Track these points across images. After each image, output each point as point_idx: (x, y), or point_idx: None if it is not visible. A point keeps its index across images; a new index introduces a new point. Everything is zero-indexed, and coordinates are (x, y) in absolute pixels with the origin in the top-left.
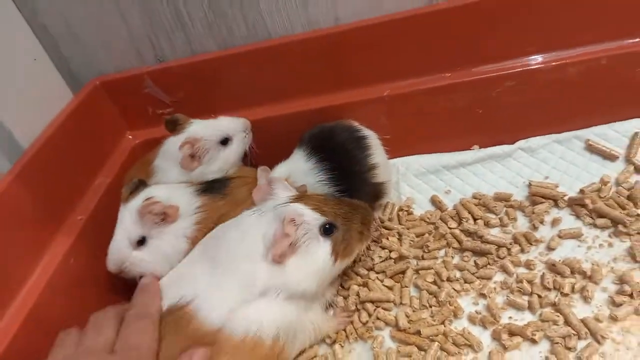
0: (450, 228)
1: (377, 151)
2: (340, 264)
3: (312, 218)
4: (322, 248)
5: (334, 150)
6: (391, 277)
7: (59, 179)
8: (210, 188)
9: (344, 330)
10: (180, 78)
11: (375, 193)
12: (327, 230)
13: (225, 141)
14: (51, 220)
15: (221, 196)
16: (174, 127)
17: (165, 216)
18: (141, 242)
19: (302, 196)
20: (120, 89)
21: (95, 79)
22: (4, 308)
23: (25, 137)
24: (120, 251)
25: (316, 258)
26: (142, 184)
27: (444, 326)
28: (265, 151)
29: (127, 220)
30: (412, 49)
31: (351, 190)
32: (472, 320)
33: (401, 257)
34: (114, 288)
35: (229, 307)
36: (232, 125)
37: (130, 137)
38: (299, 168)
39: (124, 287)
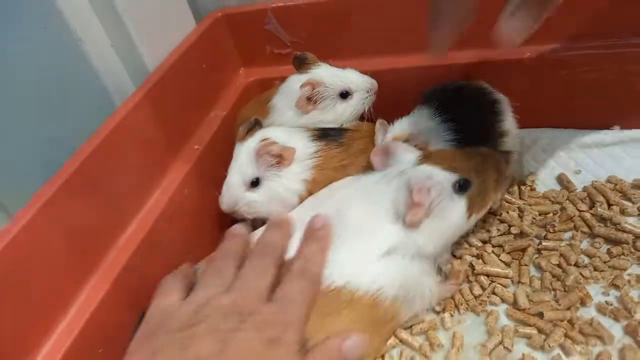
0: (580, 210)
1: (508, 118)
2: (475, 218)
3: (443, 178)
4: (458, 207)
5: (462, 111)
6: (509, 253)
7: (178, 106)
8: (326, 135)
9: (453, 299)
10: (305, 18)
11: None
12: (461, 187)
13: (345, 94)
14: (170, 146)
15: (337, 144)
16: (300, 64)
17: (281, 159)
18: (255, 183)
19: (428, 155)
20: (240, 24)
21: (218, 10)
22: (124, 227)
23: (152, 62)
24: (234, 191)
25: (451, 218)
26: (258, 124)
27: (570, 312)
28: (380, 105)
29: (243, 159)
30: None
31: None
32: (601, 310)
33: (522, 234)
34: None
35: (354, 265)
36: (357, 81)
37: (243, 74)
38: (422, 125)
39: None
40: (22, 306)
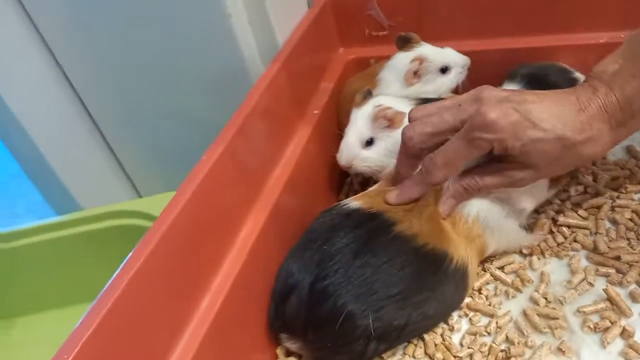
0: None
1: None
2: (553, 189)
3: None
4: None
5: (548, 88)
6: (586, 210)
7: (299, 78)
8: (427, 103)
9: (539, 246)
10: (402, 4)
11: None
12: None
13: (445, 69)
14: (296, 111)
15: None
16: (404, 44)
17: (392, 122)
18: (370, 142)
19: None
20: (344, 7)
21: None
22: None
23: (281, 39)
24: (352, 149)
25: (539, 184)
26: (369, 94)
27: None
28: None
29: (360, 122)
30: None
31: None
32: None
33: (597, 194)
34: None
35: None
36: (455, 58)
37: (342, 53)
38: None
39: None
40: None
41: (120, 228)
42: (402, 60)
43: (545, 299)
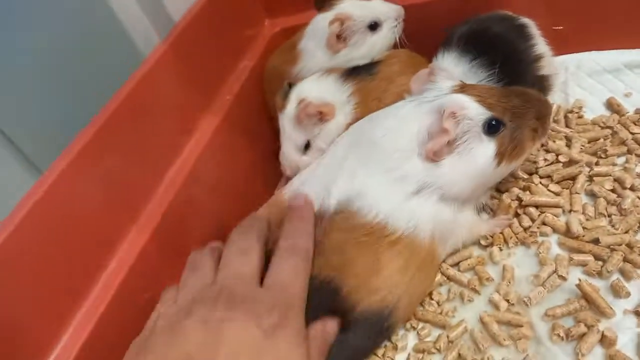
0: (632, 133)
1: (539, 41)
2: (506, 167)
3: (476, 113)
4: (485, 149)
5: (491, 44)
6: (558, 183)
7: (206, 57)
8: (357, 71)
9: (502, 233)
10: None
11: (539, 88)
12: (492, 127)
13: (374, 26)
14: (201, 97)
15: (371, 76)
16: (323, 3)
17: (322, 115)
18: (308, 145)
19: (466, 86)
20: None
21: None
22: (162, 175)
23: (176, 11)
24: (291, 159)
25: (476, 160)
26: (290, 87)
27: (629, 235)
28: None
29: (288, 128)
30: None
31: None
32: None
33: (571, 162)
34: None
35: (390, 202)
36: (384, 9)
37: (268, 25)
38: (453, 69)
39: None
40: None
41: None
42: (321, 23)
43: (507, 301)
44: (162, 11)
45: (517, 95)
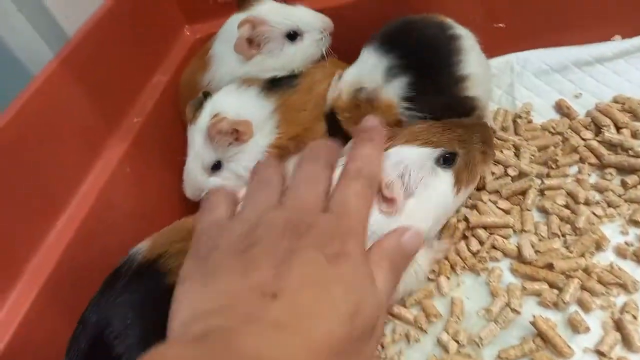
0: (584, 139)
1: (471, 57)
2: (464, 193)
3: (420, 156)
4: (443, 182)
5: (414, 50)
6: (507, 199)
7: (110, 74)
8: (279, 84)
9: (448, 260)
10: None
11: (462, 109)
12: (446, 160)
13: (293, 35)
14: (104, 121)
15: (293, 89)
16: (243, 2)
17: (239, 134)
18: (217, 166)
19: (396, 135)
20: None
21: None
22: (54, 219)
23: (71, 25)
24: (196, 179)
25: (438, 194)
26: (206, 97)
27: (585, 259)
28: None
29: (197, 143)
30: None
31: (431, 103)
32: (621, 253)
33: (521, 174)
34: (177, 201)
35: None
36: (307, 19)
37: (188, 32)
38: (373, 75)
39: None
40: None
41: None
42: (234, 25)
43: (457, 341)
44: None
45: (458, 126)
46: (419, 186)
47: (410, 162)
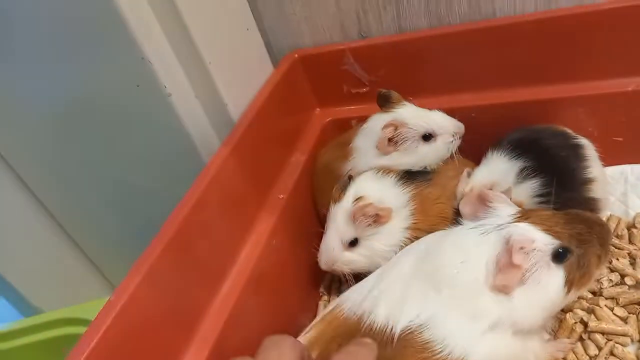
0: None
1: (594, 164)
2: (575, 293)
3: (543, 243)
4: (555, 277)
5: (544, 159)
6: (624, 307)
7: (262, 154)
8: (413, 176)
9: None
10: (383, 56)
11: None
12: (560, 255)
13: (428, 137)
14: (257, 197)
15: (427, 182)
16: (384, 102)
17: (379, 218)
18: (354, 242)
19: (528, 213)
20: (317, 64)
21: (294, 52)
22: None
23: (235, 110)
24: (332, 251)
25: (547, 289)
26: (348, 182)
27: None
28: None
29: (340, 220)
30: None
31: (560, 199)
32: None
33: (638, 284)
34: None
35: (465, 338)
36: (442, 123)
37: (319, 114)
38: (504, 175)
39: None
40: None
41: (61, 338)
42: (376, 124)
43: None
44: (222, 110)
45: (580, 222)
46: (534, 275)
47: (536, 245)
